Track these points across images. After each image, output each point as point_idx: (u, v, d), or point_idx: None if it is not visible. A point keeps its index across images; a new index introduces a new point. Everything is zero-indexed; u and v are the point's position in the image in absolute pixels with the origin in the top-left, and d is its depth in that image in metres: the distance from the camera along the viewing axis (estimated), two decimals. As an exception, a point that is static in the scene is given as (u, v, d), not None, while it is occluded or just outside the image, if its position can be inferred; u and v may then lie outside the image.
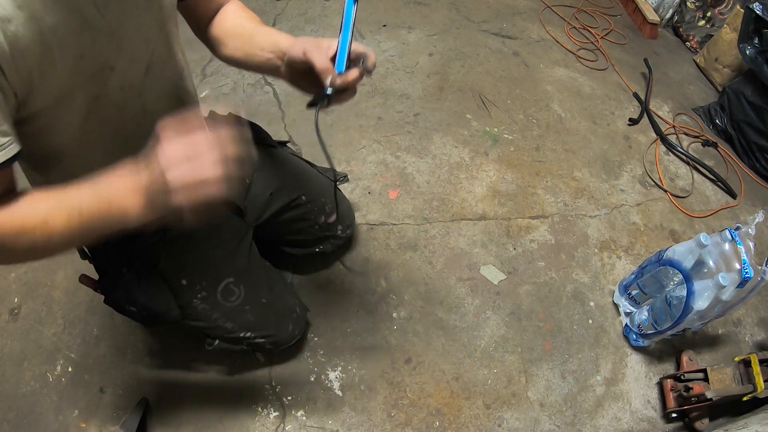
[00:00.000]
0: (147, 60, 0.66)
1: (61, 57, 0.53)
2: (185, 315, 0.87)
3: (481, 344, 1.22)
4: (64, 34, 0.52)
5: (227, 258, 0.90)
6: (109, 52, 0.59)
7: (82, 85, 0.58)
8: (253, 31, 0.77)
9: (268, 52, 0.73)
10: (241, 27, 0.79)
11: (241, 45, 0.77)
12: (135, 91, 0.66)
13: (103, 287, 0.85)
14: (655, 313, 1.14)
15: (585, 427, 1.13)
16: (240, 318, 0.91)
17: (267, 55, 0.74)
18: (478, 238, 1.40)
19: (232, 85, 1.70)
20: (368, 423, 1.08)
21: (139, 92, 0.67)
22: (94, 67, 0.58)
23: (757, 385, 1.05)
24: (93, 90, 0.60)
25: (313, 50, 0.65)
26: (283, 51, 0.71)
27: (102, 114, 0.63)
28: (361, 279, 1.28)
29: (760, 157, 1.73)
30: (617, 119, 1.82)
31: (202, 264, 0.86)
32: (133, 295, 0.83)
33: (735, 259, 1.01)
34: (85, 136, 0.64)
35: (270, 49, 0.73)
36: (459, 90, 1.78)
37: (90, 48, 0.56)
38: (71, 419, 1.06)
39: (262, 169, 0.99)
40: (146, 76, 0.67)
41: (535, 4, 2.29)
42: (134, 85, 0.65)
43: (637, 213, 1.54)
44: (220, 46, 0.80)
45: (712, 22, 2.18)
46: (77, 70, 0.56)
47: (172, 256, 0.83)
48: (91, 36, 0.55)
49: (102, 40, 0.57)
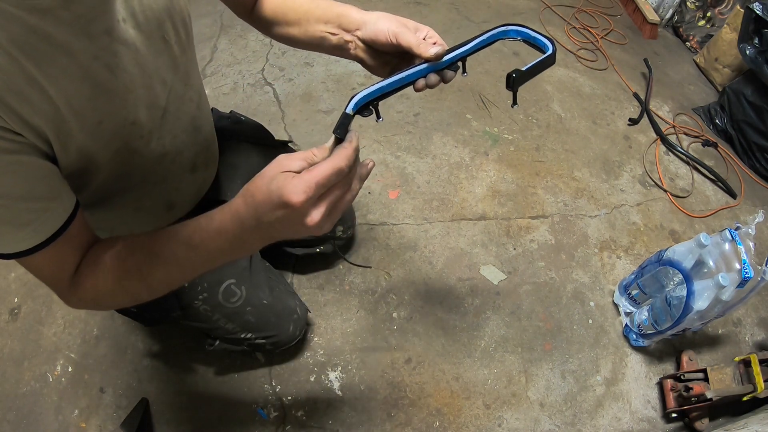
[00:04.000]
0: (164, 102, 0.62)
1: (80, 128, 0.49)
2: (186, 316, 0.87)
3: (481, 344, 1.22)
4: (79, 105, 0.48)
5: None
6: (128, 109, 0.55)
7: (103, 147, 0.54)
8: (311, 3, 0.68)
9: (331, 27, 0.64)
10: (294, 1, 0.69)
11: (299, 22, 0.68)
12: (155, 135, 0.62)
13: None
14: (655, 313, 1.14)
15: (585, 427, 1.13)
16: (241, 319, 0.91)
17: (330, 30, 0.64)
18: (478, 238, 1.40)
19: (232, 85, 1.70)
20: (368, 423, 1.08)
21: (159, 135, 0.63)
22: (113, 129, 0.54)
23: (757, 385, 1.05)
24: (114, 146, 0.56)
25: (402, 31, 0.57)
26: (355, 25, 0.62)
27: (124, 165, 0.60)
28: (361, 279, 1.28)
29: (760, 157, 1.73)
30: (617, 119, 1.82)
31: None
32: None
33: (735, 259, 1.01)
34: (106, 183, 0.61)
35: (334, 23, 0.64)
36: (459, 90, 1.78)
37: (107, 112, 0.52)
38: (71, 419, 1.06)
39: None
40: (163, 119, 0.62)
41: (535, 4, 2.29)
42: (153, 130, 0.61)
43: (637, 213, 1.55)
44: (273, 26, 0.72)
45: (712, 22, 2.18)
46: (97, 136, 0.52)
47: None
48: (106, 100, 0.51)
49: (118, 102, 0.53)
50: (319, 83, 1.71)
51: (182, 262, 0.53)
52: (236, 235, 0.49)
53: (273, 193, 0.44)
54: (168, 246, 0.53)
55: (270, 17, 0.71)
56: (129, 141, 0.58)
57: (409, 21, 0.59)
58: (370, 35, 0.60)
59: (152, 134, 0.61)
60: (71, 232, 0.52)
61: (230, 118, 1.00)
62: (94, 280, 0.54)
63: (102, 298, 0.56)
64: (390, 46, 0.59)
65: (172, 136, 0.66)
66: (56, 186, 0.49)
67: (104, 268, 0.54)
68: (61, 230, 0.50)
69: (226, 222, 0.49)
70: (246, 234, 0.49)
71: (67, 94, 0.47)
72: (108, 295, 0.55)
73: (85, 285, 0.54)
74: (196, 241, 0.51)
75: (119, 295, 0.56)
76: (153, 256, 0.53)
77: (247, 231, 0.48)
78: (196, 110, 0.71)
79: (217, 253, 0.52)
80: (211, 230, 0.51)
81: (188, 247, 0.52)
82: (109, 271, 0.54)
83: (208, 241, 0.51)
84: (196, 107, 0.71)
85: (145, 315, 0.85)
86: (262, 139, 1.02)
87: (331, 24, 0.64)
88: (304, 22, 0.67)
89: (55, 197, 0.49)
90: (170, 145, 0.66)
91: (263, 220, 0.46)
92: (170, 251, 0.53)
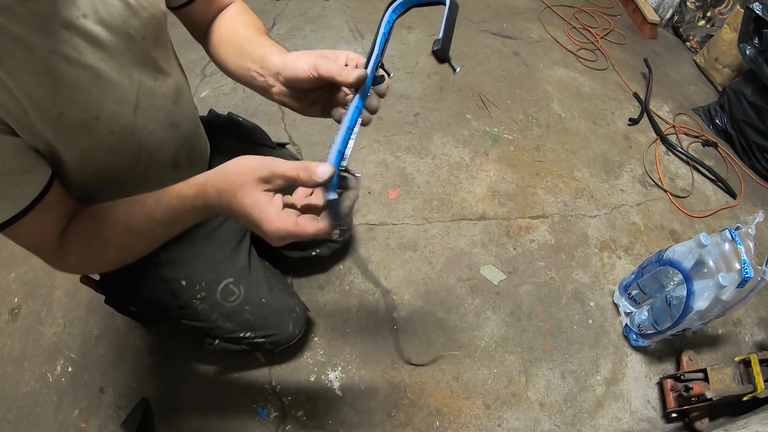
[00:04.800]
0: (134, 97, 0.61)
1: (41, 119, 0.50)
2: (185, 315, 0.87)
3: (481, 344, 1.22)
4: (39, 97, 0.49)
5: (227, 258, 0.90)
6: (90, 103, 0.55)
7: (69, 142, 0.55)
8: (247, 39, 0.68)
9: (258, 67, 0.64)
10: (236, 33, 0.69)
11: (232, 55, 0.68)
12: (128, 130, 0.62)
13: (104, 287, 0.85)
14: (655, 313, 1.14)
15: (585, 427, 1.13)
16: (239, 318, 0.91)
17: (257, 71, 0.64)
18: (478, 238, 1.40)
19: (232, 85, 1.70)
20: (368, 423, 1.08)
21: (132, 131, 0.63)
22: (76, 122, 0.54)
23: (757, 385, 1.05)
24: (81, 143, 0.57)
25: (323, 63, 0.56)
26: (274, 69, 0.61)
27: (98, 162, 0.61)
28: (360, 279, 1.28)
29: (760, 157, 1.73)
30: (617, 119, 1.82)
31: (201, 265, 0.86)
32: (133, 295, 0.83)
33: (735, 259, 1.01)
34: (83, 180, 0.62)
35: (259, 63, 0.63)
36: (459, 90, 1.78)
37: (68, 105, 0.52)
38: (71, 419, 1.06)
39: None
40: (135, 114, 0.62)
41: (535, 4, 2.29)
42: (126, 125, 0.61)
43: (637, 213, 1.55)
44: (215, 54, 0.73)
45: (712, 22, 2.18)
46: (59, 128, 0.53)
47: (172, 257, 0.83)
48: (66, 93, 0.52)
49: (79, 94, 0.53)
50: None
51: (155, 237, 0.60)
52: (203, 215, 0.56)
53: (251, 216, 0.49)
54: (145, 223, 0.58)
55: (215, 45, 0.72)
56: (97, 136, 0.59)
57: (328, 51, 0.58)
58: (291, 75, 0.59)
59: (125, 129, 0.62)
60: (49, 201, 0.55)
61: (227, 118, 1.00)
62: (78, 248, 0.59)
63: (87, 265, 0.63)
64: (312, 81, 0.58)
65: (147, 131, 0.66)
66: (29, 159, 0.52)
67: (87, 239, 0.59)
68: (38, 199, 0.53)
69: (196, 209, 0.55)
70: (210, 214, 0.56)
71: (26, 87, 0.48)
72: (92, 261, 0.61)
73: (71, 252, 0.59)
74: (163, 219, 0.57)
75: (102, 262, 0.62)
76: (131, 231, 0.58)
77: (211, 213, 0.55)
78: (173, 105, 0.70)
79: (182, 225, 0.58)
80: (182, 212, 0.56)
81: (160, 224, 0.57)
82: (92, 241, 0.59)
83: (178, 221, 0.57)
84: (171, 102, 0.70)
85: (144, 315, 0.86)
86: (259, 139, 1.02)
87: (257, 63, 0.64)
88: (238, 57, 0.67)
89: (29, 170, 0.52)
90: (146, 141, 0.67)
91: (231, 214, 0.52)
92: (148, 229, 0.58)
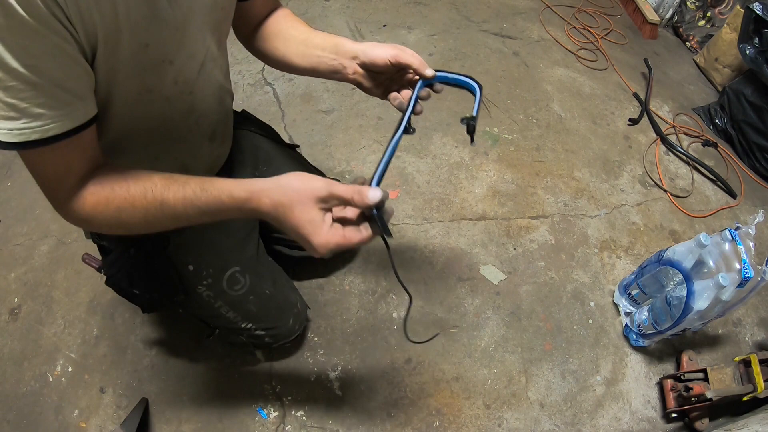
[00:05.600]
0: (202, 57, 0.67)
1: (129, 43, 0.53)
2: (188, 301, 0.87)
3: (481, 344, 1.22)
4: (136, 20, 0.52)
5: (236, 247, 0.91)
6: (172, 46, 0.60)
7: (139, 74, 0.58)
8: (309, 33, 0.78)
9: (329, 53, 0.73)
10: (296, 29, 0.79)
11: (295, 45, 0.77)
12: (188, 87, 0.67)
13: (107, 267, 0.83)
14: (655, 313, 1.14)
15: (585, 427, 1.13)
16: (243, 308, 0.91)
17: (328, 56, 0.74)
18: (478, 238, 1.40)
19: (232, 85, 1.70)
20: (368, 423, 1.08)
21: (191, 89, 0.68)
22: (155, 59, 0.59)
23: (757, 385, 1.05)
24: (149, 81, 0.60)
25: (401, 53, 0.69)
26: (351, 53, 0.71)
27: (151, 106, 0.64)
28: (360, 279, 1.28)
29: (760, 157, 1.73)
30: (617, 119, 1.82)
31: (210, 251, 0.86)
32: (138, 276, 0.81)
33: (735, 259, 1.01)
34: (129, 124, 0.64)
35: (332, 50, 0.73)
36: (459, 90, 1.78)
37: (156, 39, 0.56)
38: (71, 419, 1.06)
39: (281, 166, 1.00)
40: (199, 73, 0.68)
41: (535, 4, 2.29)
42: (188, 81, 0.66)
43: (637, 213, 1.55)
44: (265, 46, 0.80)
45: (712, 22, 2.18)
46: (139, 58, 0.56)
47: (182, 241, 0.82)
48: (158, 27, 0.56)
49: (167, 33, 0.58)
50: (319, 83, 1.71)
51: (182, 219, 0.59)
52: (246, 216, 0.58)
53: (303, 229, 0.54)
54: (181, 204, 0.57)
55: (268, 39, 0.79)
56: (164, 80, 0.62)
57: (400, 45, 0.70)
58: (370, 59, 0.70)
59: (186, 85, 0.66)
60: (84, 138, 0.54)
61: (240, 112, 1.03)
62: (96, 199, 0.56)
63: (96, 220, 0.58)
64: (388, 67, 0.70)
65: (202, 95, 0.71)
66: (86, 88, 0.52)
67: (111, 193, 0.56)
68: (79, 129, 0.52)
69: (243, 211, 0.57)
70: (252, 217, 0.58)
71: (129, 5, 0.51)
72: (104, 218, 0.57)
73: (87, 200, 0.56)
74: (204, 208, 0.57)
75: (113, 222, 0.58)
76: (163, 206, 0.57)
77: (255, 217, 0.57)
78: (224, 80, 0.78)
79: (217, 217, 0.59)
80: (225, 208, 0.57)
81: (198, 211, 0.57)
82: (116, 197, 0.56)
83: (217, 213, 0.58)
84: (224, 77, 0.78)
85: (146, 298, 0.84)
86: (270, 134, 1.04)
87: (328, 50, 0.74)
88: (303, 46, 0.76)
89: (82, 98, 0.52)
90: (199, 104, 0.71)
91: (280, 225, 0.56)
92: (183, 210, 0.57)
